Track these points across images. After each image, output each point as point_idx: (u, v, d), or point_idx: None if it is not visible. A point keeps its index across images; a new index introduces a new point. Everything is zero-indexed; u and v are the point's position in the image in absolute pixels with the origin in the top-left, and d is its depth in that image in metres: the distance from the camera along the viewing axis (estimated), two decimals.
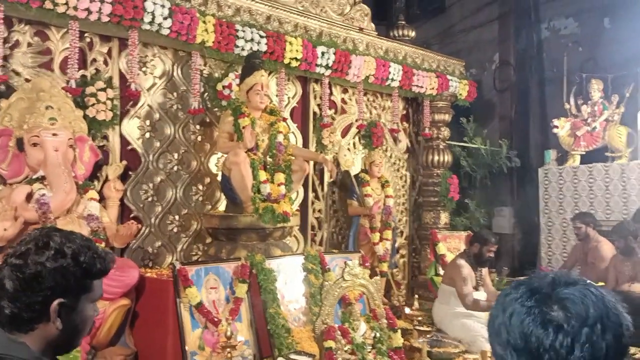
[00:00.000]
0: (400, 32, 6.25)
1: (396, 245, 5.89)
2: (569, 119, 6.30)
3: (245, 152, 4.06)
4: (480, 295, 4.50)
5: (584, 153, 6.26)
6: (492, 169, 6.90)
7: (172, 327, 3.42)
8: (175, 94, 4.44)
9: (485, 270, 4.71)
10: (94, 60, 4.01)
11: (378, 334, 3.48)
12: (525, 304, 0.89)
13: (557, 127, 6.30)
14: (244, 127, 4.09)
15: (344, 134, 5.70)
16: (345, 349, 3.28)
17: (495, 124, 7.48)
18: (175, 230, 4.42)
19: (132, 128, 4.20)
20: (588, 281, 0.93)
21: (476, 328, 4.24)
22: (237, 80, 4.43)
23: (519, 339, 0.87)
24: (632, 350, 4.08)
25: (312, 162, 5.12)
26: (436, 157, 6.24)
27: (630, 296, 4.71)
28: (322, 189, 5.50)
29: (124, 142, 4.15)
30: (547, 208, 6.44)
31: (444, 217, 6.22)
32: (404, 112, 6.38)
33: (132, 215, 4.16)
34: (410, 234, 6.46)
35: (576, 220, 5.45)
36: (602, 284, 4.85)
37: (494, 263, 4.77)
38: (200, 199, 4.58)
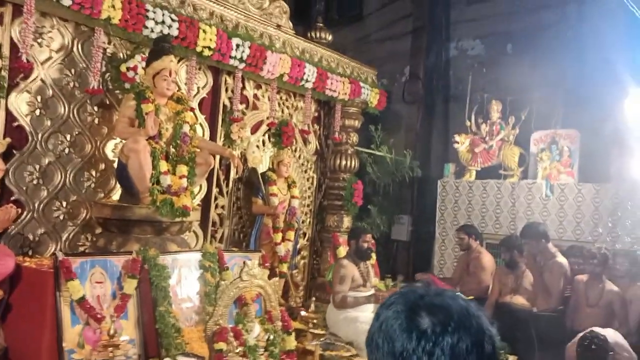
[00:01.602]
0: (318, 34, 6.25)
1: (298, 246, 5.88)
2: (469, 135, 6.62)
3: (147, 139, 3.84)
4: (367, 293, 4.63)
5: (480, 169, 6.60)
6: (395, 177, 7.08)
7: (49, 322, 3.16)
8: (73, 70, 4.10)
9: (370, 266, 4.90)
10: None
11: (272, 337, 3.42)
12: (396, 309, 0.91)
13: (457, 142, 6.59)
14: (147, 113, 3.86)
15: (254, 130, 5.59)
16: (237, 350, 3.18)
17: (401, 134, 7.70)
18: (61, 217, 4.09)
19: (20, 103, 3.83)
20: (457, 293, 0.96)
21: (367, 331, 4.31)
22: (144, 63, 4.18)
23: (387, 343, 0.89)
24: (511, 358, 4.33)
25: (218, 157, 4.97)
26: (343, 162, 6.27)
27: (512, 307, 5.02)
28: (227, 185, 5.36)
29: (10, 117, 3.78)
30: (442, 219, 6.72)
31: (347, 221, 6.28)
32: (316, 114, 6.39)
33: (12, 198, 3.79)
34: (312, 236, 6.48)
35: (460, 231, 5.77)
36: (471, 297, 5.14)
37: (371, 253, 4.95)
38: (93, 185, 4.27)
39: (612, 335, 3.75)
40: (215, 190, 5.21)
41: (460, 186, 6.61)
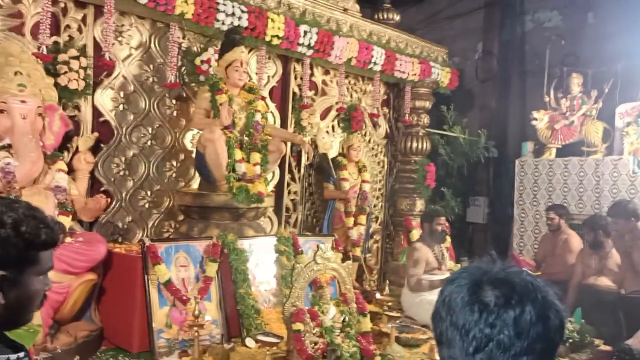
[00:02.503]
0: (385, 15, 6.18)
1: (370, 230, 5.90)
2: (548, 111, 6.33)
3: (222, 129, 3.98)
4: (442, 276, 4.58)
5: (561, 146, 6.31)
6: (469, 158, 6.91)
7: (139, 303, 3.37)
8: (151, 66, 4.32)
9: (445, 249, 4.84)
10: (68, 26, 3.86)
11: (347, 318, 3.46)
12: (459, 284, 0.91)
13: (536, 119, 6.32)
14: (221, 104, 4.01)
15: (324, 116, 5.64)
16: (314, 331, 3.26)
17: (475, 113, 7.48)
18: (146, 206, 4.34)
19: (105, 99, 4.08)
20: (524, 268, 0.95)
21: None
22: (216, 56, 4.32)
23: (450, 316, 0.90)
24: (597, 342, 4.16)
25: (289, 143, 5.07)
26: (415, 144, 6.21)
27: (596, 289, 4.81)
28: (299, 171, 5.46)
29: (97, 113, 4.03)
30: (521, 199, 6.49)
31: (420, 205, 6.22)
32: (385, 97, 6.34)
33: (102, 189, 4.06)
34: (384, 220, 6.47)
35: (550, 211, 5.55)
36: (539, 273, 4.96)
37: (445, 236, 4.90)
38: (174, 175, 4.49)
39: None
40: (287, 176, 5.32)
41: (539, 165, 6.34)
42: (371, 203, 5.74)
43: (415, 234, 5.65)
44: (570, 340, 4.22)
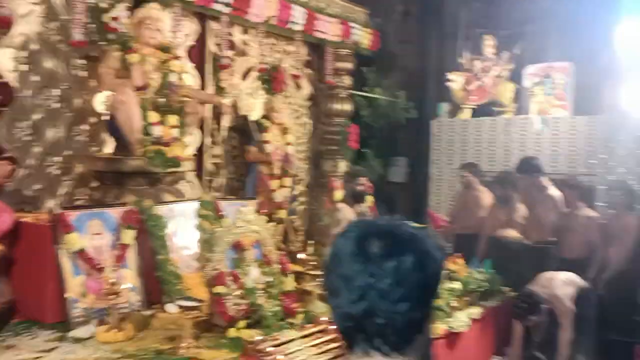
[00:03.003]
0: None
1: (295, 192, 5.94)
2: (462, 73, 6.54)
3: (134, 90, 3.82)
4: None
5: (475, 107, 6.57)
6: (390, 119, 7.05)
7: (50, 274, 3.24)
8: (55, 23, 4.02)
9: (366, 208, 4.98)
10: None
11: (270, 279, 3.51)
12: (348, 236, 0.95)
13: (451, 80, 6.52)
14: (132, 64, 3.83)
15: (245, 77, 5.53)
16: (236, 293, 3.28)
17: (395, 75, 7.60)
18: (56, 172, 4.11)
19: (4, 59, 3.78)
20: (411, 222, 1.01)
21: None
22: (127, 13, 4.09)
23: (337, 267, 0.93)
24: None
25: (209, 105, 4.95)
26: (337, 106, 6.26)
27: (504, 241, 5.14)
28: (220, 134, 5.35)
29: None
30: (437, 159, 6.75)
31: (343, 166, 6.32)
32: (307, 58, 6.29)
33: (5, 155, 3.80)
34: (309, 182, 6.52)
35: (463, 169, 5.82)
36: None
37: (366, 196, 5.04)
38: (85, 139, 4.27)
39: (553, 287, 3.89)
40: (209, 139, 5.21)
41: (454, 125, 6.59)
42: (295, 165, 5.77)
43: (338, 194, 5.74)
44: (481, 289, 4.51)
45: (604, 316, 4.42)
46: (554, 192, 4.90)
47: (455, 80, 6.51)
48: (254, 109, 5.57)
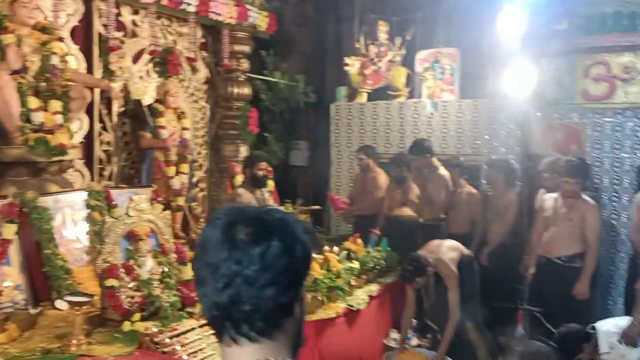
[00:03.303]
0: None
1: (194, 179, 5.81)
2: (358, 57, 6.69)
3: (10, 74, 3.53)
4: None
5: (371, 91, 6.76)
6: (290, 103, 7.08)
7: None
8: None
9: (266, 193, 5.00)
10: None
11: (166, 269, 3.42)
12: (215, 224, 0.94)
13: (348, 64, 6.65)
14: (7, 46, 3.53)
15: (136, 60, 5.28)
16: (130, 285, 3.17)
17: (294, 58, 7.62)
18: None
19: None
20: (278, 207, 1.02)
21: None
22: None
23: (204, 255, 0.92)
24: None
25: (98, 90, 4.69)
26: (236, 89, 6.18)
27: (400, 219, 5.37)
28: (111, 120, 5.10)
29: None
30: (337, 142, 6.89)
31: (244, 150, 6.27)
32: (203, 40, 6.13)
33: None
34: (209, 167, 6.40)
35: (359, 152, 5.99)
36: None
37: (267, 181, 5.06)
38: None
39: (439, 252, 4.18)
40: (98, 126, 4.95)
41: (352, 109, 6.75)
42: (193, 151, 5.64)
43: (239, 179, 5.71)
44: (378, 267, 4.71)
45: (488, 285, 4.78)
46: (443, 171, 5.18)
47: (352, 65, 6.65)
48: (146, 93, 5.35)
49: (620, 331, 3.23)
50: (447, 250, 4.27)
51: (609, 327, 3.28)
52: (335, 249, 4.67)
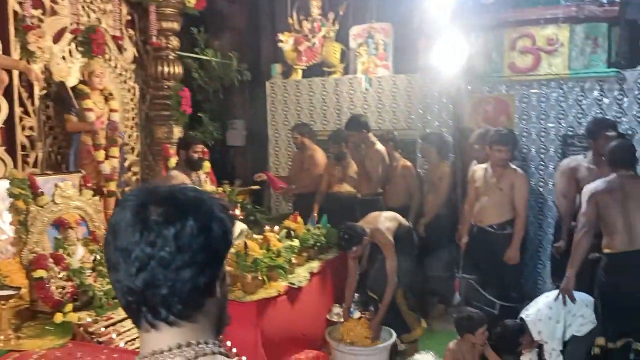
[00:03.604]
0: None
1: (126, 162, 5.61)
2: (292, 33, 6.61)
3: None
4: None
5: (305, 67, 6.70)
6: (224, 82, 6.92)
7: None
8: None
9: (203, 175, 4.91)
10: None
11: (98, 256, 3.30)
12: (125, 205, 0.90)
13: (282, 41, 6.56)
14: None
15: (57, 39, 4.99)
16: (60, 276, 3.04)
17: (226, 35, 7.43)
18: None
19: None
20: (192, 186, 0.97)
21: None
22: None
23: (114, 239, 0.88)
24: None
25: (16, 72, 4.41)
26: (166, 69, 5.98)
27: (339, 195, 5.42)
28: (33, 103, 4.81)
29: None
30: (274, 120, 6.82)
31: (177, 132, 6.10)
32: (128, 17, 5.86)
33: None
34: (142, 150, 6.20)
35: (294, 131, 5.98)
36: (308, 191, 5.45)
37: (202, 163, 4.97)
38: None
39: (376, 222, 4.29)
40: (19, 110, 4.66)
41: (287, 86, 6.68)
42: (123, 134, 5.44)
43: (173, 161, 5.55)
44: (319, 244, 4.74)
45: (426, 255, 4.92)
46: (380, 146, 5.24)
47: (286, 41, 6.56)
48: (70, 74, 5.08)
49: (542, 315, 3.42)
50: (385, 220, 4.36)
51: (533, 315, 3.47)
52: (276, 228, 4.66)
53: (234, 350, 3.23)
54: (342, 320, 4.48)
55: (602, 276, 3.54)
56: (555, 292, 3.66)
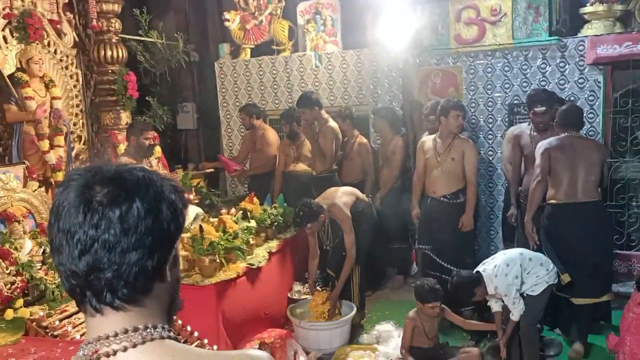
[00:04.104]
0: None
1: (73, 151, 5.44)
2: (238, 12, 6.48)
3: None
4: None
5: (254, 46, 6.60)
6: (171, 64, 6.74)
7: None
8: None
9: (154, 161, 4.83)
10: None
11: (48, 249, 3.20)
12: (68, 186, 0.86)
13: (228, 20, 6.42)
14: None
15: None
16: (8, 271, 2.93)
17: (171, 16, 7.22)
18: None
19: None
20: (141, 166, 0.94)
21: None
22: None
23: (57, 221, 0.84)
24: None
25: None
26: (109, 53, 5.78)
27: (295, 174, 5.42)
28: None
29: None
30: (225, 101, 6.72)
31: (125, 117, 5.94)
32: (65, 0, 5.61)
33: None
34: (89, 138, 6.00)
35: (241, 112, 5.91)
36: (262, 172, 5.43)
37: (153, 148, 4.91)
38: None
39: (333, 197, 4.37)
40: None
41: (237, 66, 6.57)
42: (68, 121, 5.25)
43: (122, 148, 5.41)
44: (276, 223, 4.73)
45: (383, 228, 4.99)
46: (332, 123, 5.23)
47: (233, 20, 6.42)
48: (6, 62, 4.85)
49: (498, 272, 3.54)
50: (342, 195, 4.40)
51: (490, 271, 3.58)
52: (232, 210, 4.62)
53: (196, 334, 3.22)
54: (303, 297, 4.52)
55: (545, 223, 3.99)
56: (514, 249, 3.81)
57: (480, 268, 3.68)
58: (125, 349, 0.83)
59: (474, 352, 3.67)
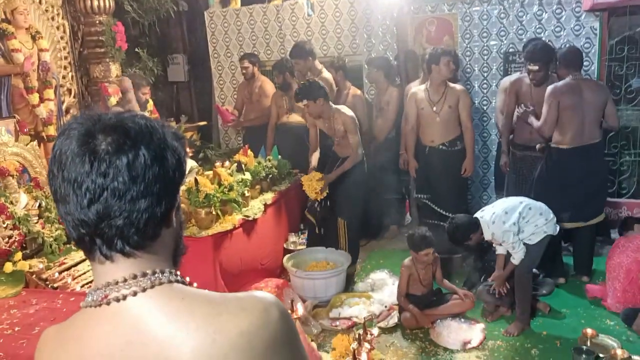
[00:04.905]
0: None
1: (64, 105, 5.36)
2: None
3: None
4: None
5: None
6: (159, 14, 6.56)
7: None
8: None
9: (146, 114, 4.79)
10: None
11: (44, 202, 3.21)
12: (70, 135, 0.85)
13: None
14: None
15: None
16: (5, 225, 2.95)
17: None
18: None
19: None
20: (141, 113, 0.93)
21: None
22: None
23: (61, 171, 0.84)
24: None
25: None
26: (96, 2, 5.60)
27: (289, 126, 5.39)
28: None
29: None
30: (215, 52, 6.59)
31: (115, 69, 5.81)
32: None
33: None
34: (79, 91, 5.90)
35: (244, 60, 5.79)
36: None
37: (146, 103, 4.89)
38: None
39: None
40: None
41: (227, 15, 6.41)
42: (57, 74, 5.15)
43: (113, 101, 5.35)
44: (271, 175, 4.74)
45: (377, 178, 5.01)
46: (326, 74, 5.16)
47: None
48: None
49: (496, 218, 3.59)
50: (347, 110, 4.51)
51: (487, 217, 3.62)
52: (227, 163, 4.61)
53: (195, 285, 3.28)
54: (299, 248, 4.58)
55: (548, 164, 4.15)
56: (514, 197, 3.85)
57: (478, 214, 3.72)
58: (135, 294, 0.85)
59: (469, 295, 3.80)
